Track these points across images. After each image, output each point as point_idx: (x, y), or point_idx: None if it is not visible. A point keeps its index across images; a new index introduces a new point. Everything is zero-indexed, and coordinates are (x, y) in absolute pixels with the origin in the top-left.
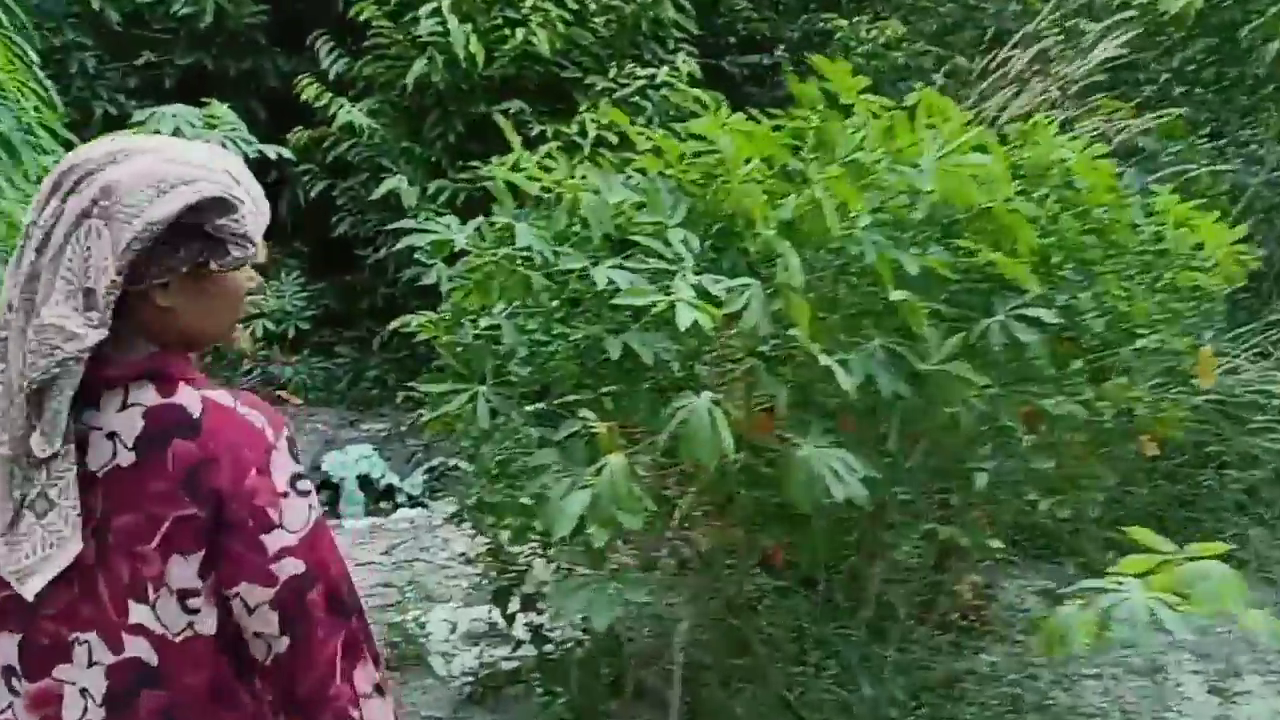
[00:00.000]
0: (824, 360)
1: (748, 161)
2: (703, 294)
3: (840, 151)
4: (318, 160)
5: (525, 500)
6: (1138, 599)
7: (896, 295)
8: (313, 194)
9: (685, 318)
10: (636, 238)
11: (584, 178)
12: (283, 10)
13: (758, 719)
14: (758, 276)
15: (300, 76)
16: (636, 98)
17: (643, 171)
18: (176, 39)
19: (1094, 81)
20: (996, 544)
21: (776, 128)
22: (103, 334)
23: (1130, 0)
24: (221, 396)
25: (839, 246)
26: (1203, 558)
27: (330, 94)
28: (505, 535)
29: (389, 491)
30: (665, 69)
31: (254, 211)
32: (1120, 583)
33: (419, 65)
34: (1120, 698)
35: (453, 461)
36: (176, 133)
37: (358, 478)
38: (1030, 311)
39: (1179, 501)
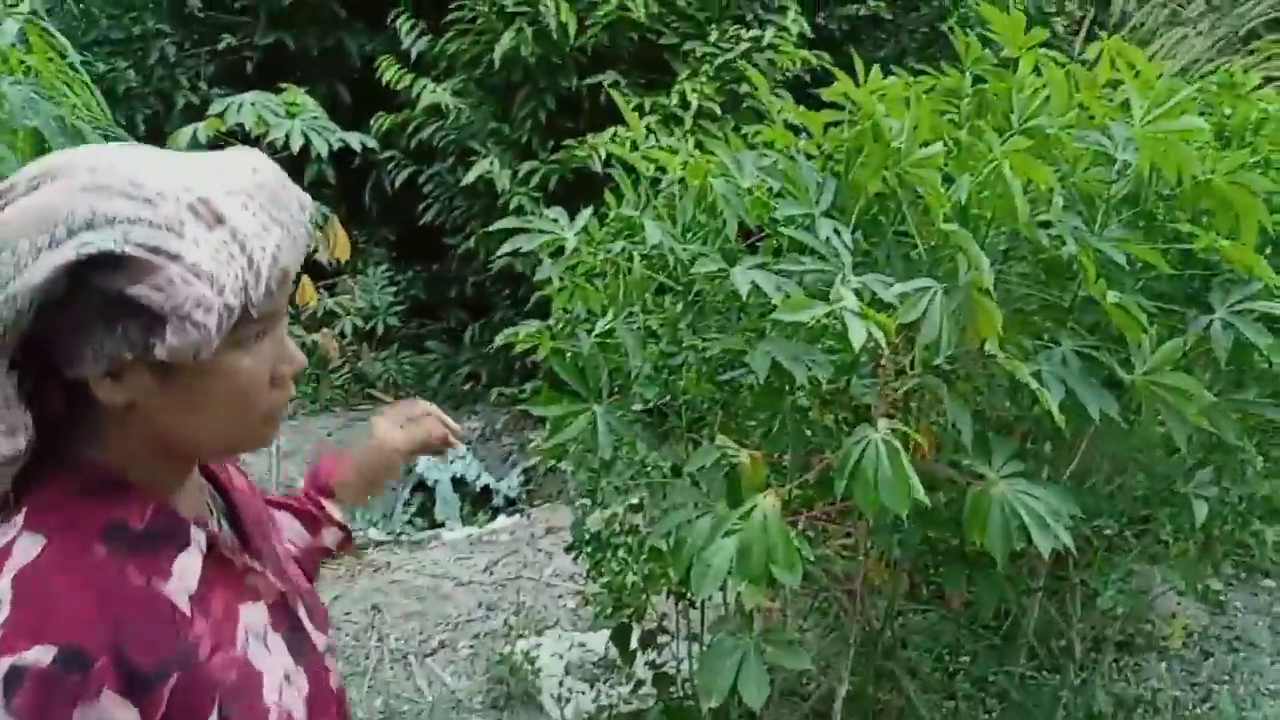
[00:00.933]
0: (1027, 380)
1: (899, 132)
2: (870, 300)
3: (1014, 117)
4: (401, 145)
5: (656, 543)
6: None
7: (1111, 296)
8: (398, 182)
9: (859, 333)
10: (780, 230)
11: (707, 155)
12: None
13: None
14: (926, 274)
15: (381, 57)
16: (741, 62)
17: (772, 146)
18: (256, 20)
19: (1253, 31)
20: (1216, 586)
21: (928, 90)
22: (19, 444)
23: None
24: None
25: (1027, 234)
26: None
27: (412, 74)
28: (630, 579)
29: (485, 493)
30: (771, 29)
31: (222, 262)
32: None
33: (507, 38)
34: None
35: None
36: (259, 122)
37: (452, 479)
38: (1257, 304)
39: None
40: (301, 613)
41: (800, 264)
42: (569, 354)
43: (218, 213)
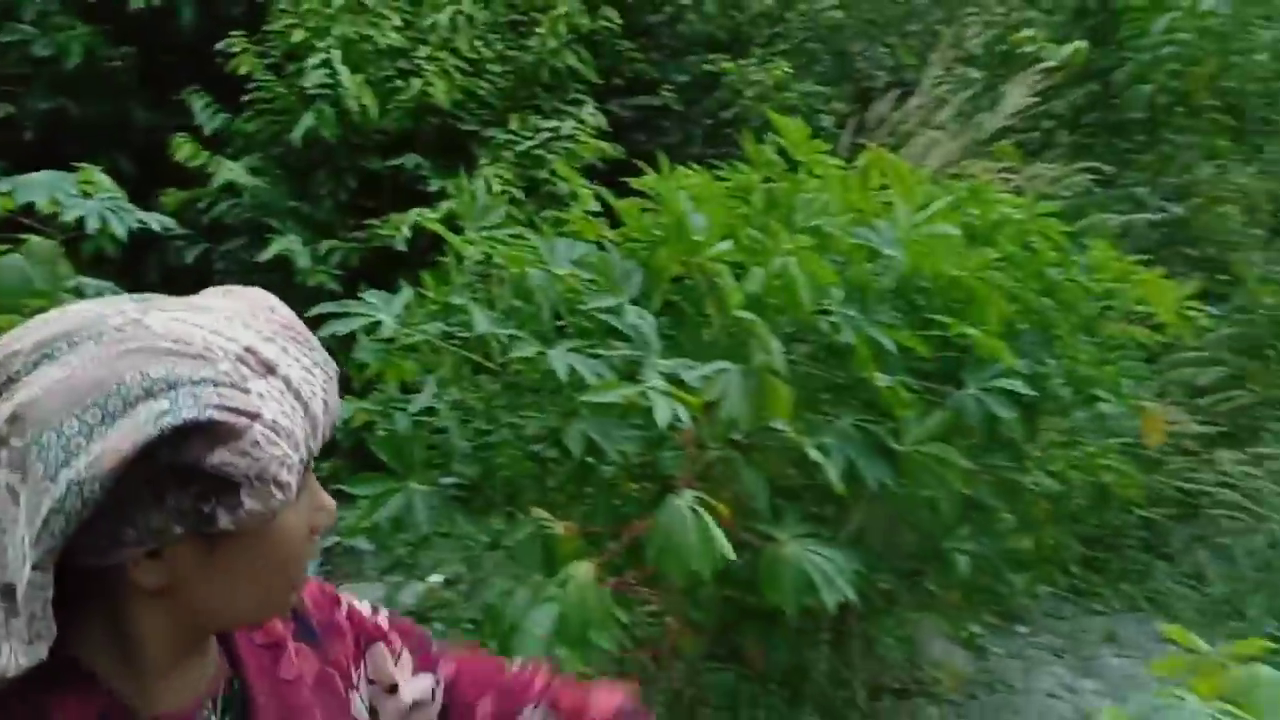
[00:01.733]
0: (813, 454)
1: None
2: (674, 381)
3: (800, 216)
4: (191, 222)
5: (475, 616)
6: (1196, 712)
7: (880, 379)
8: (189, 259)
9: (664, 414)
10: (589, 314)
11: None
12: (150, 61)
13: None
14: (723, 357)
15: (175, 134)
16: (540, 150)
17: (578, 236)
18: (36, 83)
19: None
20: (975, 629)
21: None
22: (40, 654)
23: (1013, 52)
24: None
25: (808, 322)
26: (1246, 658)
27: (207, 152)
28: None
29: None
30: (570, 121)
31: (294, 418)
32: (1179, 695)
33: (307, 118)
34: None
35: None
36: (52, 202)
37: None
38: (1001, 382)
39: (1085, 541)
40: None
41: (613, 348)
42: (386, 432)
43: (267, 362)
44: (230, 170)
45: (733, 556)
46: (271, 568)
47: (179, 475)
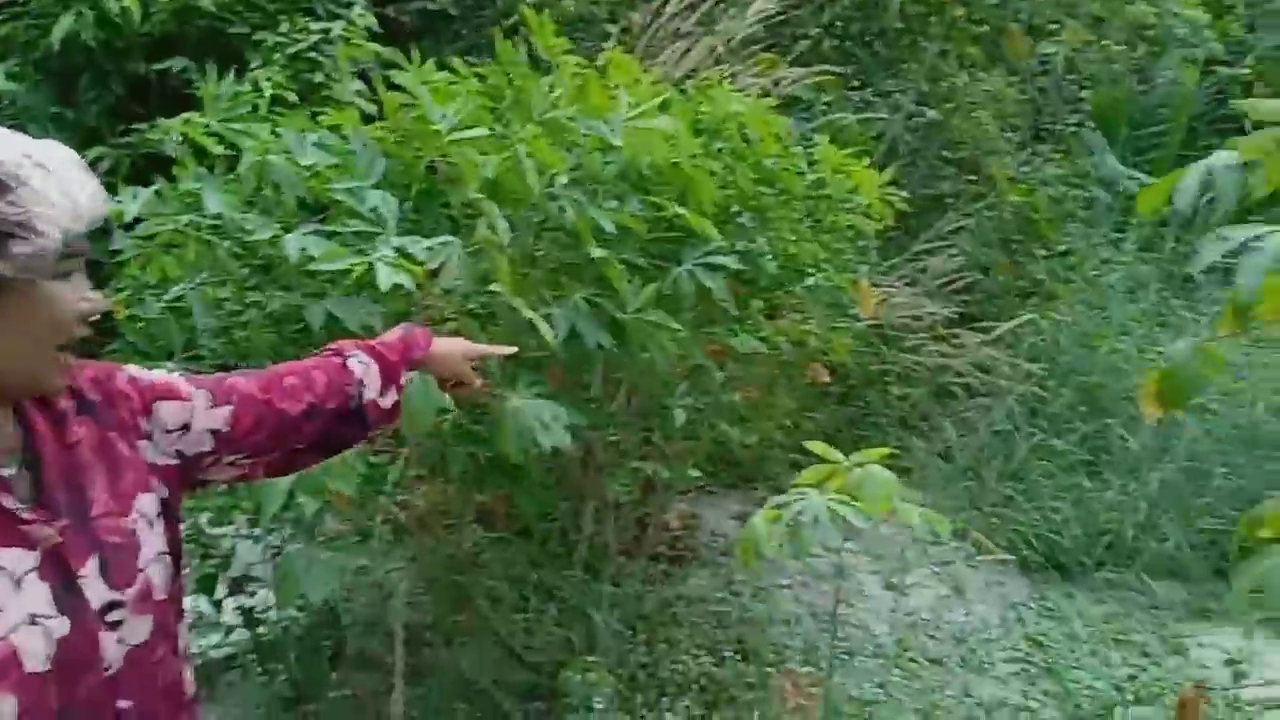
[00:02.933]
0: (528, 314)
1: (444, 118)
2: (404, 255)
3: (537, 110)
4: None
5: None
6: (817, 503)
7: (597, 253)
8: None
9: (385, 279)
10: (334, 199)
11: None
12: None
13: (482, 669)
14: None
15: None
16: (313, 53)
17: (336, 130)
18: None
19: (753, 38)
20: (695, 473)
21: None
22: None
23: None
24: None
25: (540, 205)
26: (868, 463)
27: None
28: (205, 518)
29: None
30: (341, 22)
31: (54, 195)
32: (802, 492)
33: (66, 21)
34: (811, 603)
35: None
36: None
37: None
38: (714, 259)
39: (850, 422)
40: (87, 569)
41: (347, 226)
42: (140, 320)
43: (41, 162)
44: None
45: (450, 408)
46: (41, 326)
47: None
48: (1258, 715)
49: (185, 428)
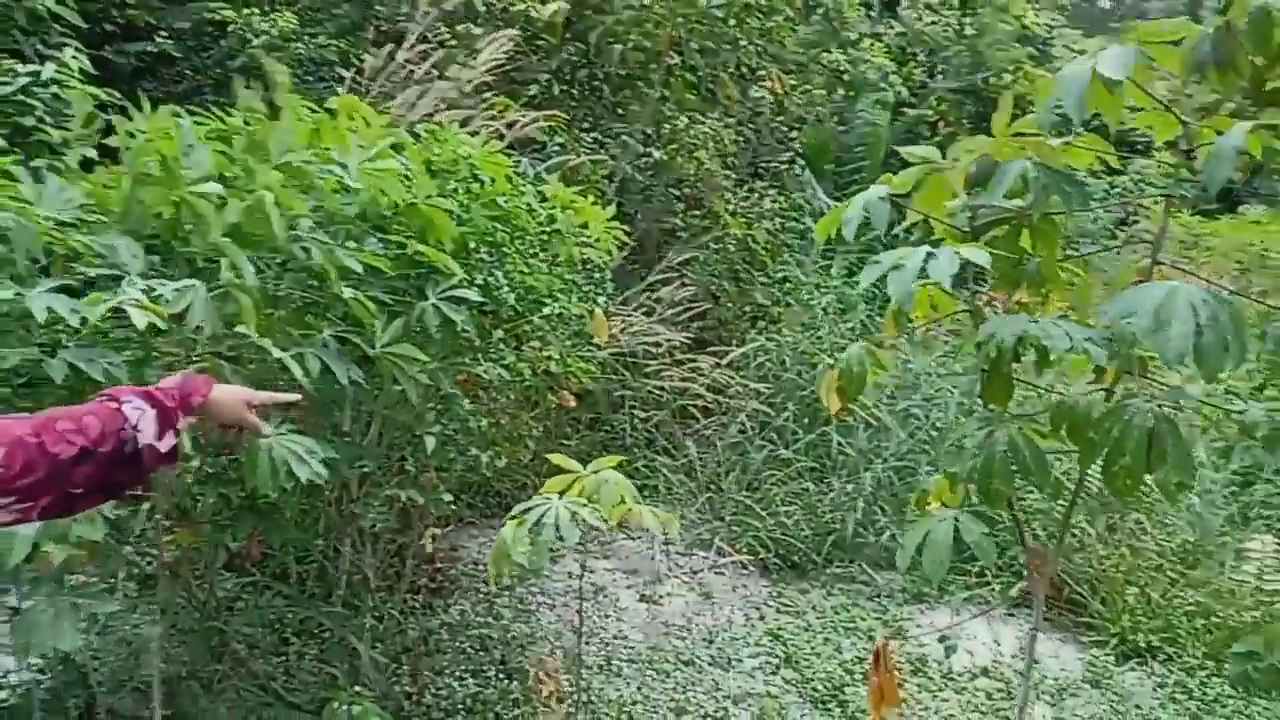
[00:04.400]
0: (277, 354)
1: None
2: (153, 298)
3: (274, 154)
4: None
5: None
6: (557, 506)
7: (347, 293)
8: None
9: (140, 319)
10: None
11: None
12: None
13: (244, 714)
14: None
15: None
16: (22, 96)
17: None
18: None
19: (487, 83)
20: (448, 499)
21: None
22: None
23: (508, 8)
24: None
25: (282, 249)
26: (604, 470)
27: None
28: None
29: None
30: (52, 65)
31: None
32: (545, 499)
33: None
34: (569, 621)
35: None
36: None
37: None
38: (457, 293)
39: (601, 445)
40: None
41: (82, 275)
42: None
43: None
44: None
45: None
46: None
47: None
48: (968, 682)
49: None
